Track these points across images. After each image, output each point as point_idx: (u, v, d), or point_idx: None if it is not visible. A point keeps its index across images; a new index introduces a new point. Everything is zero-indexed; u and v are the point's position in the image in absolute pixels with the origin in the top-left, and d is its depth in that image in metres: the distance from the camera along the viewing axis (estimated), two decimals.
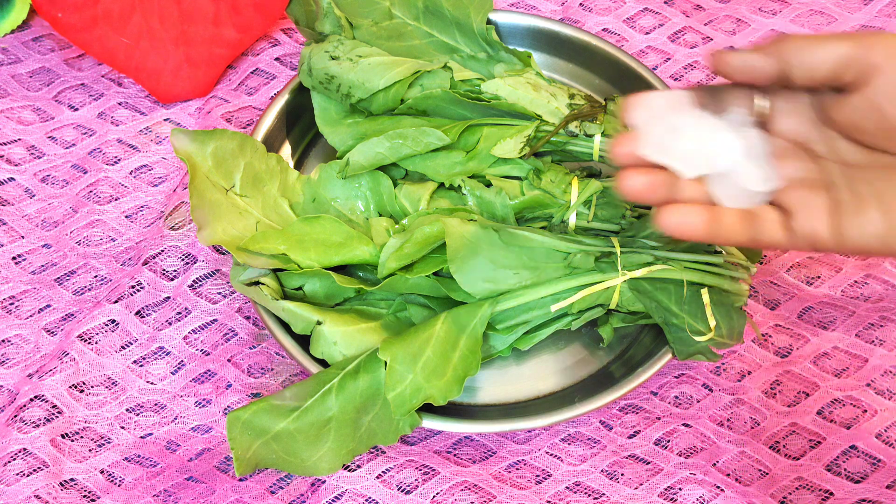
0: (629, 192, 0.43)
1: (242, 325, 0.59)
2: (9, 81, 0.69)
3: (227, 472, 0.53)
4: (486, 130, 0.59)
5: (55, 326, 0.59)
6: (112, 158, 0.66)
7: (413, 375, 0.50)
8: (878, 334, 0.58)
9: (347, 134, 0.60)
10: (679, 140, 0.43)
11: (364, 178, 0.58)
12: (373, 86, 0.59)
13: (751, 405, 0.56)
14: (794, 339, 0.59)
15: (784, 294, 0.60)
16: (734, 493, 0.51)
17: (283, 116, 0.64)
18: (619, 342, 0.59)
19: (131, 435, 0.55)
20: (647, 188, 0.43)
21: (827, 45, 0.38)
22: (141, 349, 0.57)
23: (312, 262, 0.54)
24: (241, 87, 0.70)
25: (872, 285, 0.61)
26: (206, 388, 0.56)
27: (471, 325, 0.52)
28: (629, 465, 0.53)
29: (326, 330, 0.53)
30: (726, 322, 0.54)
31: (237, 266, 0.55)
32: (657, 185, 0.43)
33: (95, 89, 0.70)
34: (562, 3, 0.75)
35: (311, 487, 0.52)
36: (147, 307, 0.59)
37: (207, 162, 0.55)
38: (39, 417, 0.54)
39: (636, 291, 0.53)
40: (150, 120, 0.68)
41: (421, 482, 0.52)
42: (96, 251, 0.62)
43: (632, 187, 0.43)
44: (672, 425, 0.55)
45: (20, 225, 0.63)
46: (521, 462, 0.54)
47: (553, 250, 0.53)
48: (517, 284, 0.53)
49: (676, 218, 0.43)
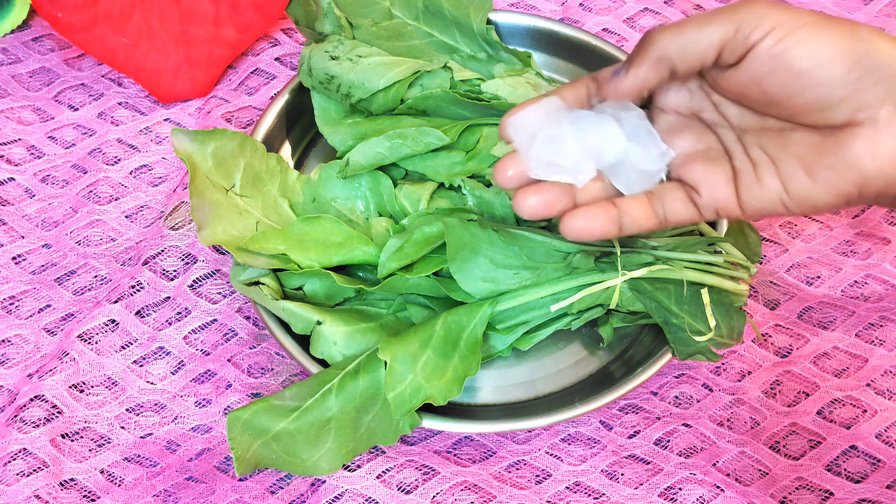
0: (528, 214, 0.42)
1: (242, 325, 0.59)
2: (9, 81, 0.69)
3: (227, 472, 0.53)
4: (486, 130, 0.59)
5: (55, 326, 0.59)
6: (112, 158, 0.66)
7: (413, 375, 0.50)
8: (878, 334, 0.58)
9: (347, 134, 0.60)
10: (561, 151, 0.42)
11: (364, 178, 0.58)
12: (373, 86, 0.59)
13: (751, 405, 0.56)
14: (794, 339, 0.59)
15: (784, 294, 0.60)
16: (734, 493, 0.51)
17: (283, 116, 0.64)
18: (619, 342, 0.59)
19: (131, 435, 0.55)
20: (545, 206, 0.43)
21: (702, 33, 0.38)
22: (141, 349, 0.58)
23: (312, 262, 0.54)
24: (241, 87, 0.70)
25: (872, 285, 0.61)
26: (206, 388, 0.56)
27: (471, 325, 0.52)
28: (629, 465, 0.53)
29: (326, 330, 0.53)
30: (726, 322, 0.54)
31: (237, 266, 0.55)
32: (554, 200, 0.43)
33: (95, 89, 0.70)
34: (562, 3, 0.75)
35: (311, 487, 0.52)
36: (147, 307, 0.59)
37: (207, 162, 0.55)
38: (39, 417, 0.54)
39: (636, 291, 0.53)
40: (150, 120, 0.68)
41: (421, 482, 0.52)
42: (96, 251, 0.62)
43: (530, 208, 0.42)
44: (672, 425, 0.55)
45: (20, 225, 0.63)
46: (521, 462, 0.54)
47: (553, 250, 0.53)
48: (517, 284, 0.53)
49: (581, 223, 0.43)
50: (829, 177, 0.39)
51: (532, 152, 0.43)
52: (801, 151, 0.39)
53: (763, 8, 0.37)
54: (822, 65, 0.37)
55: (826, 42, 0.36)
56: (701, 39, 0.38)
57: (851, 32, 0.37)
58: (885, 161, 0.37)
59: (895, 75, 0.36)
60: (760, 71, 0.38)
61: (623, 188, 0.44)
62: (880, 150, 0.37)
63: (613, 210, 0.43)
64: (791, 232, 0.63)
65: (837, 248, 0.62)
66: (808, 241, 0.63)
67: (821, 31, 0.37)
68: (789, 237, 0.63)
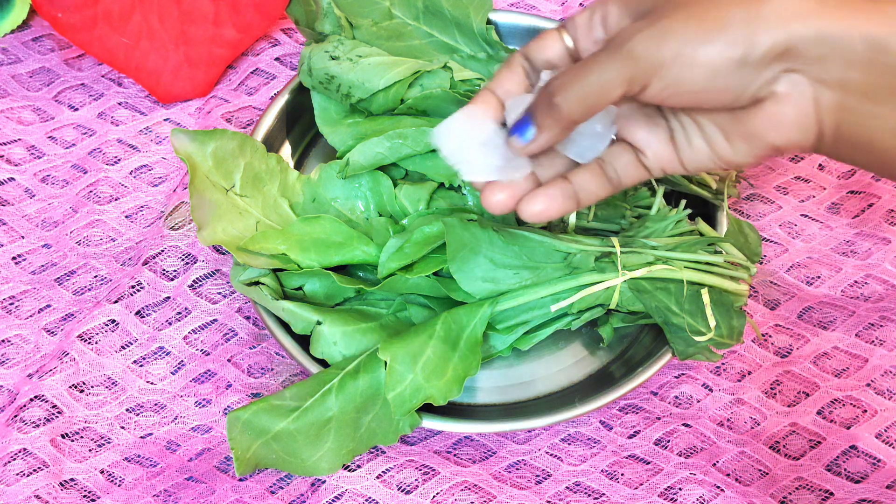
0: (499, 210, 0.44)
1: (242, 325, 0.59)
2: (9, 81, 0.69)
3: (227, 472, 0.53)
4: None
5: (55, 326, 0.59)
6: (112, 158, 0.66)
7: (413, 375, 0.50)
8: (878, 334, 0.58)
9: (347, 134, 0.60)
10: (495, 153, 0.43)
11: (364, 178, 0.58)
12: (373, 86, 0.59)
13: (751, 405, 0.56)
14: (794, 339, 0.59)
15: (784, 294, 0.60)
16: (734, 493, 0.51)
17: (283, 116, 0.64)
18: (619, 342, 0.59)
19: (131, 435, 0.55)
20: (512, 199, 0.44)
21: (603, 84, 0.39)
22: (141, 349, 0.57)
23: (312, 262, 0.54)
24: (241, 87, 0.70)
25: (872, 285, 0.61)
26: (206, 388, 0.56)
27: (471, 325, 0.52)
28: (629, 465, 0.53)
29: (326, 330, 0.53)
30: (726, 322, 0.54)
31: (237, 266, 0.55)
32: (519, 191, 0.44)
33: (95, 89, 0.70)
34: (562, 3, 0.75)
35: (311, 487, 0.52)
36: (147, 307, 0.59)
37: (207, 162, 0.55)
38: (39, 417, 0.54)
39: (636, 291, 0.53)
40: (150, 120, 0.68)
41: (421, 482, 0.52)
42: (96, 251, 0.62)
43: (499, 204, 0.44)
44: (672, 425, 0.55)
45: (20, 225, 0.63)
46: (521, 462, 0.54)
47: (553, 250, 0.53)
48: (517, 284, 0.53)
49: (540, 206, 0.44)
50: (743, 146, 0.41)
51: (469, 158, 0.43)
52: (719, 122, 0.42)
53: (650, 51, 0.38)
54: (713, 78, 0.38)
55: (708, 60, 0.38)
56: (603, 90, 0.39)
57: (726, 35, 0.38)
58: (788, 130, 0.40)
59: (778, 56, 0.38)
60: (661, 97, 0.40)
61: (577, 157, 0.44)
62: (783, 121, 0.39)
63: (569, 186, 0.44)
64: (791, 232, 0.63)
65: (837, 248, 0.62)
66: (808, 241, 0.63)
67: (698, 52, 0.38)
68: (789, 237, 0.63)
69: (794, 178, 0.66)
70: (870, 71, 0.37)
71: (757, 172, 0.66)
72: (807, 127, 0.39)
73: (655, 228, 0.55)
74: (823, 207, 0.64)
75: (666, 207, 0.57)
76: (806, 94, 0.39)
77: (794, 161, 0.66)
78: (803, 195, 0.65)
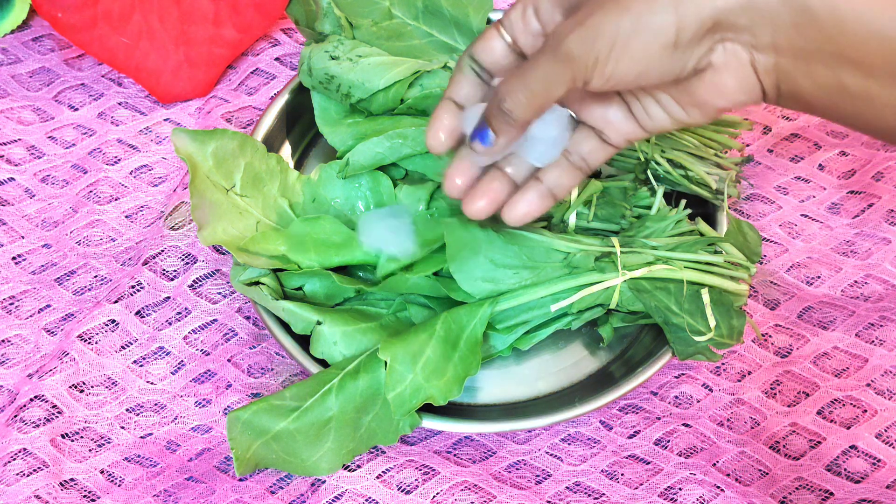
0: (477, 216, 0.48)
1: (242, 325, 0.59)
2: (9, 81, 0.69)
3: (227, 472, 0.53)
4: None
5: (55, 326, 0.59)
6: (112, 158, 0.66)
7: (413, 375, 0.50)
8: (878, 334, 0.58)
9: (347, 134, 0.60)
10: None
11: (364, 178, 0.58)
12: (373, 86, 0.59)
13: (751, 405, 0.56)
14: (794, 339, 0.59)
15: (784, 294, 0.60)
16: (734, 493, 0.51)
17: (283, 116, 0.64)
18: (619, 342, 0.59)
19: (131, 435, 0.55)
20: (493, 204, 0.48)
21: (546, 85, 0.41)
22: (141, 349, 0.57)
23: (312, 262, 0.54)
24: (241, 87, 0.70)
25: (872, 285, 0.61)
26: (206, 388, 0.56)
27: (471, 325, 0.52)
28: (629, 465, 0.53)
29: (326, 330, 0.53)
30: (726, 322, 0.54)
31: (237, 266, 0.55)
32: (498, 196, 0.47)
33: (95, 89, 0.70)
34: None
35: (311, 487, 0.52)
36: (147, 307, 0.59)
37: (208, 162, 0.55)
38: (39, 417, 0.54)
39: (636, 291, 0.53)
40: (150, 120, 0.68)
41: (421, 482, 0.52)
42: (96, 251, 0.62)
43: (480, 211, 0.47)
44: (672, 425, 0.55)
45: (20, 225, 0.63)
46: (521, 462, 0.54)
47: (553, 250, 0.53)
48: (517, 284, 0.53)
49: (522, 209, 0.48)
50: (695, 111, 0.43)
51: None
52: (670, 92, 0.43)
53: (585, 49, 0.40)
54: (650, 64, 0.40)
55: (641, 49, 0.39)
56: (547, 99, 0.42)
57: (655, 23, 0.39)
58: (733, 93, 0.42)
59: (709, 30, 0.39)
60: (606, 87, 0.41)
61: (537, 162, 0.47)
62: (726, 88, 0.41)
63: (541, 185, 0.48)
64: (791, 232, 0.63)
65: (837, 248, 0.62)
66: (808, 241, 0.63)
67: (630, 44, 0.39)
68: (789, 237, 0.63)
69: (794, 178, 0.66)
70: (797, 34, 0.38)
71: (757, 172, 0.66)
72: (750, 88, 0.41)
73: (655, 228, 0.55)
74: (823, 207, 0.64)
75: (666, 207, 0.57)
76: (743, 59, 0.40)
77: (795, 161, 0.66)
78: (803, 195, 0.65)
